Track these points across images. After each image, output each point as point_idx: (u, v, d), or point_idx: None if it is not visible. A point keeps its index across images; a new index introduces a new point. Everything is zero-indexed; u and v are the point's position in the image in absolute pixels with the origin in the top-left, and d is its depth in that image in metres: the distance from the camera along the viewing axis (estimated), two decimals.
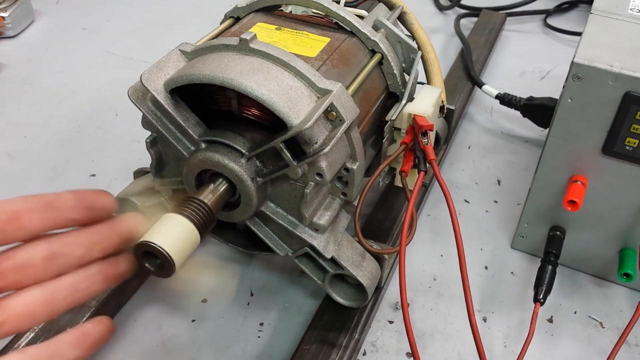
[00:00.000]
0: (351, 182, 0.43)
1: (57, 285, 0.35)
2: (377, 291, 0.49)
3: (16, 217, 0.32)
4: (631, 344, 0.49)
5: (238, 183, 0.41)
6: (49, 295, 0.34)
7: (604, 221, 0.50)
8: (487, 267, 0.55)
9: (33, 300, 0.34)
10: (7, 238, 0.33)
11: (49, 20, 0.95)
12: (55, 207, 0.34)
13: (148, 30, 0.92)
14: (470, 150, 0.70)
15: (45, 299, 0.34)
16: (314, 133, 0.39)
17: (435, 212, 0.61)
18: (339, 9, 0.48)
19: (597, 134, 0.46)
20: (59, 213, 0.34)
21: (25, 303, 0.34)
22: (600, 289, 0.54)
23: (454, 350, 0.48)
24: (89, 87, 0.79)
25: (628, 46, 0.46)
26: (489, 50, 0.85)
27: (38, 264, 0.34)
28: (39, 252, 0.34)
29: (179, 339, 0.48)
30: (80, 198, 0.36)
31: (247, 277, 0.53)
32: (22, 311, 0.33)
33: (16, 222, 0.32)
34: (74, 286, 0.36)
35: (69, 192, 0.35)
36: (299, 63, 0.41)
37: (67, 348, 0.35)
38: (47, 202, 0.34)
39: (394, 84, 0.50)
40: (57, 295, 0.35)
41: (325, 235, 0.44)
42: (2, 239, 0.32)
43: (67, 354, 0.35)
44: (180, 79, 0.40)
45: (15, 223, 0.32)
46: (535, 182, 0.51)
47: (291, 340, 0.48)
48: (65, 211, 0.35)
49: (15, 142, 0.69)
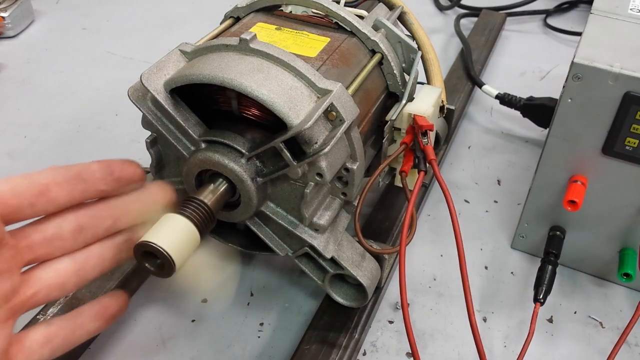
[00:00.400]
0: (351, 182, 0.43)
1: (86, 255, 0.36)
2: (377, 291, 0.49)
3: (46, 190, 0.33)
4: (631, 344, 0.49)
5: (238, 183, 0.41)
6: (78, 265, 0.35)
7: (604, 221, 0.50)
8: (487, 267, 0.55)
9: (64, 271, 0.35)
10: (37, 211, 0.33)
11: (49, 20, 0.95)
12: (83, 179, 0.34)
13: (148, 30, 0.93)
14: (470, 150, 0.70)
15: (76, 269, 0.35)
16: (314, 133, 0.39)
17: (435, 212, 0.61)
18: (339, 9, 0.48)
19: (597, 134, 0.46)
20: (87, 185, 0.35)
21: (56, 274, 0.35)
22: (600, 289, 0.54)
23: (454, 350, 0.48)
24: (89, 87, 0.79)
25: (628, 46, 0.46)
26: (489, 50, 0.85)
27: (67, 237, 0.35)
28: (68, 224, 0.35)
29: (179, 339, 0.48)
30: (108, 169, 0.36)
31: (247, 277, 0.53)
32: (53, 282, 0.35)
33: (46, 195, 0.33)
34: (102, 255, 0.37)
35: (97, 163, 0.36)
36: (299, 63, 0.41)
37: (88, 320, 0.37)
38: (76, 174, 0.34)
39: (394, 84, 0.50)
40: (87, 265, 0.36)
41: (325, 235, 0.44)
42: (31, 212, 0.33)
43: (88, 325, 0.37)
44: (180, 79, 0.40)
45: (45, 196, 0.33)
46: (535, 182, 0.51)
47: (291, 340, 0.48)
48: (93, 183, 0.35)
49: (15, 142, 0.69)
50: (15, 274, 0.33)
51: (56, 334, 0.35)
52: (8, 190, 0.31)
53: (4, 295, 0.32)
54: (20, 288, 0.33)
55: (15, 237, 0.33)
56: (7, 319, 0.32)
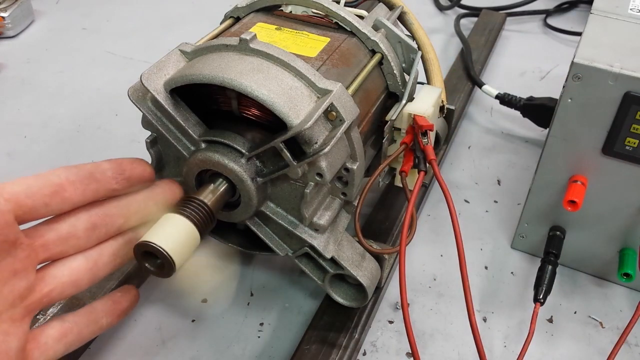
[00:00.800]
0: (351, 182, 0.43)
1: (99, 252, 0.37)
2: (377, 291, 0.49)
3: (60, 190, 0.34)
4: (631, 344, 0.49)
5: (238, 183, 0.41)
6: (91, 262, 0.36)
7: (604, 221, 0.50)
8: (487, 267, 0.55)
9: (77, 269, 0.36)
10: (51, 211, 0.34)
11: (49, 20, 0.95)
12: (95, 178, 0.35)
13: (148, 30, 0.92)
14: (470, 150, 0.70)
15: (89, 266, 0.36)
16: (314, 133, 0.39)
17: (435, 212, 0.61)
18: (339, 9, 0.48)
19: (597, 134, 0.46)
20: (99, 184, 0.36)
21: (70, 272, 0.35)
22: (600, 289, 0.54)
23: (454, 350, 0.48)
24: (89, 87, 0.79)
25: (628, 46, 0.46)
26: (489, 50, 0.85)
27: (81, 235, 0.35)
28: (81, 223, 0.35)
29: (179, 339, 0.48)
30: (119, 168, 0.37)
31: (247, 277, 0.53)
32: (67, 279, 0.35)
33: (60, 194, 0.34)
34: (114, 253, 0.38)
35: (108, 162, 0.37)
36: (299, 63, 0.41)
37: (101, 315, 0.38)
38: (88, 173, 0.35)
39: (394, 84, 0.50)
40: (99, 262, 0.37)
41: (325, 235, 0.44)
42: (46, 212, 0.33)
43: (101, 320, 0.38)
44: (180, 79, 0.40)
45: (59, 196, 0.34)
46: (535, 182, 0.51)
47: (291, 340, 0.48)
48: (105, 182, 0.36)
49: (15, 142, 0.69)
50: (31, 273, 0.33)
51: (70, 330, 0.36)
52: (22, 191, 0.32)
53: (20, 293, 0.33)
54: (35, 286, 0.34)
55: (30, 237, 0.34)
56: (23, 316, 0.33)
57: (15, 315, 0.33)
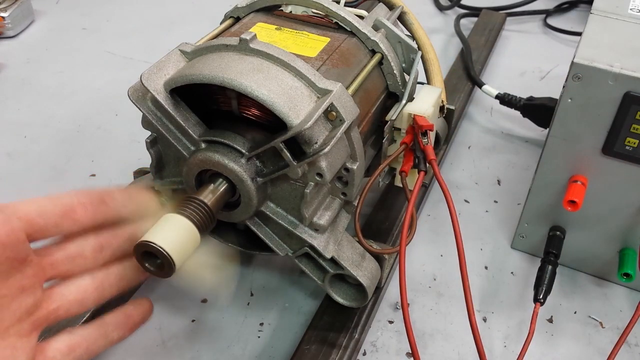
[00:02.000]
0: (351, 182, 0.43)
1: (106, 273, 0.38)
2: (377, 291, 0.49)
3: (71, 211, 0.35)
4: (631, 344, 0.49)
5: (238, 183, 0.41)
6: (98, 282, 0.37)
7: (604, 221, 0.50)
8: (487, 267, 0.55)
9: (84, 288, 0.36)
10: (61, 231, 0.35)
11: (49, 20, 0.95)
12: (105, 203, 0.36)
13: (148, 30, 0.92)
14: (470, 150, 0.70)
15: (95, 286, 0.37)
16: (314, 133, 0.39)
17: (435, 212, 0.61)
18: (339, 9, 0.48)
19: (597, 134, 0.46)
20: (108, 208, 0.37)
21: (77, 290, 0.36)
22: (600, 289, 0.54)
23: (454, 350, 0.48)
24: (89, 87, 0.79)
25: (628, 46, 0.46)
26: (489, 50, 0.85)
27: (88, 255, 0.36)
28: (89, 244, 0.36)
29: (179, 339, 0.48)
30: (130, 196, 0.38)
31: (247, 277, 0.53)
32: (74, 298, 0.36)
33: (70, 216, 0.35)
34: (121, 274, 0.38)
35: (118, 190, 0.38)
36: (299, 63, 0.41)
37: (111, 329, 0.38)
38: (99, 198, 0.36)
39: (394, 84, 0.50)
40: (105, 283, 0.37)
41: (325, 235, 0.44)
42: (56, 231, 0.34)
43: (111, 334, 0.39)
44: (180, 79, 0.40)
45: (70, 217, 0.35)
46: (535, 182, 0.51)
47: (291, 340, 0.48)
48: (114, 207, 0.37)
49: (15, 142, 0.69)
50: (38, 290, 0.34)
51: (79, 344, 0.37)
52: (34, 210, 0.33)
53: (28, 309, 0.34)
54: (42, 303, 0.34)
55: (39, 255, 0.34)
56: (30, 331, 0.34)
57: (23, 330, 0.33)
